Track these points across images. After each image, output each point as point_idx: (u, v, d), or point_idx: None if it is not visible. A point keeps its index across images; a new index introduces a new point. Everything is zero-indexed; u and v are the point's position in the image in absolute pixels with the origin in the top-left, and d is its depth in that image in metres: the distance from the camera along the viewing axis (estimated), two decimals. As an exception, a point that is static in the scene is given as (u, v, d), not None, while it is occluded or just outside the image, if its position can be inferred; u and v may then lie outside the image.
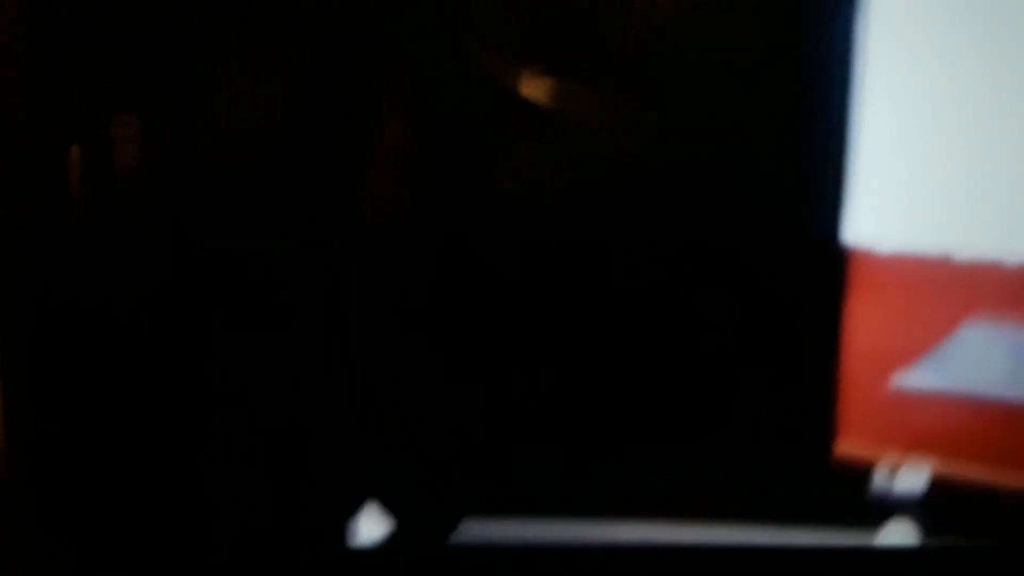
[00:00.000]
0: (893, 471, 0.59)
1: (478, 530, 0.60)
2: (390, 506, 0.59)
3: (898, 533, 0.59)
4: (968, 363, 0.58)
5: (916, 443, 0.59)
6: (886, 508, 0.59)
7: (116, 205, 0.58)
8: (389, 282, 0.59)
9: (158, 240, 0.58)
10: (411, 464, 0.60)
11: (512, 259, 0.59)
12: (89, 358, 0.58)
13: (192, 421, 0.59)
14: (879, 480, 0.59)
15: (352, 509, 0.59)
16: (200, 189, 0.58)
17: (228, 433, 0.59)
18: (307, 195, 0.59)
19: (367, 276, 0.59)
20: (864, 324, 0.59)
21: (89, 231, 0.57)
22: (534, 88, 0.58)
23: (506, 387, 0.60)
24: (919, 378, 0.59)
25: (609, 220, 0.59)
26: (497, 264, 0.59)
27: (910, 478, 0.59)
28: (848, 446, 0.60)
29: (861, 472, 0.59)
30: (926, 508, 0.58)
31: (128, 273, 0.58)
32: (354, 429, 0.60)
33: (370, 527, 0.59)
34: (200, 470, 0.59)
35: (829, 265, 0.60)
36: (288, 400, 0.59)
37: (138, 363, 0.58)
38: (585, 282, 0.60)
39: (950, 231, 0.59)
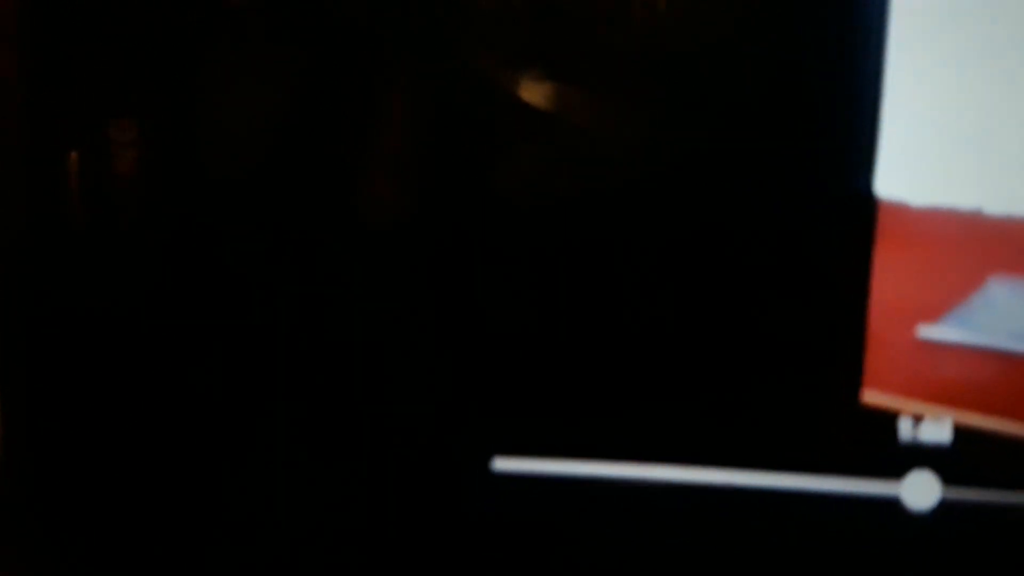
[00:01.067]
0: (917, 422, 0.60)
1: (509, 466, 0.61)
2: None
3: (921, 482, 0.60)
4: (994, 317, 0.59)
5: (941, 395, 0.60)
6: (910, 457, 0.60)
7: (115, 211, 0.57)
8: (388, 282, 0.59)
9: (157, 245, 0.58)
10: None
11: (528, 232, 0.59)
12: (88, 362, 0.59)
13: (191, 423, 0.60)
14: (903, 430, 0.60)
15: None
16: (199, 193, 0.58)
17: (227, 434, 0.60)
18: (306, 198, 0.58)
19: (367, 277, 0.59)
20: (893, 276, 0.59)
21: (88, 237, 0.57)
22: (534, 91, 0.57)
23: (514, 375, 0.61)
24: (946, 331, 0.59)
25: (635, 185, 0.59)
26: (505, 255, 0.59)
27: (934, 429, 0.60)
28: (873, 396, 0.60)
29: (886, 422, 0.60)
30: (949, 458, 0.60)
31: (128, 278, 0.58)
32: (353, 431, 0.61)
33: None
34: (199, 472, 0.60)
35: (860, 217, 0.59)
36: (287, 399, 0.60)
37: (138, 366, 0.59)
38: (614, 248, 0.60)
39: (982, 185, 0.58)
